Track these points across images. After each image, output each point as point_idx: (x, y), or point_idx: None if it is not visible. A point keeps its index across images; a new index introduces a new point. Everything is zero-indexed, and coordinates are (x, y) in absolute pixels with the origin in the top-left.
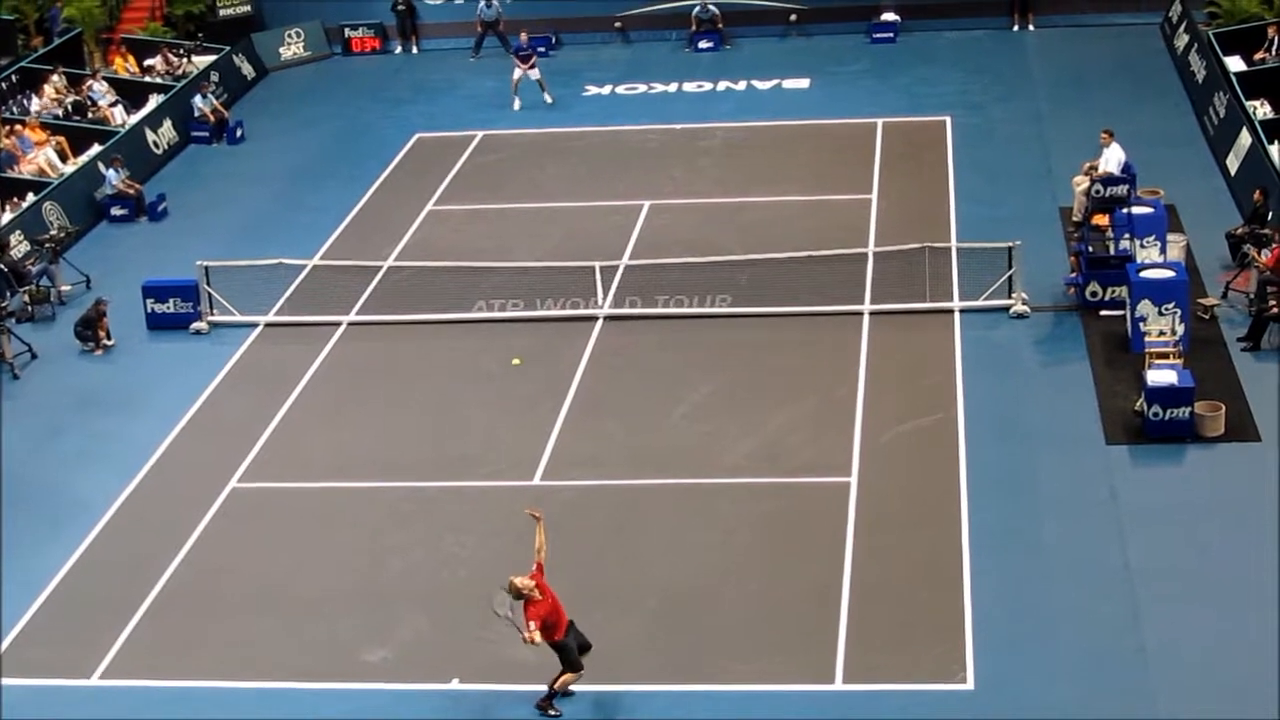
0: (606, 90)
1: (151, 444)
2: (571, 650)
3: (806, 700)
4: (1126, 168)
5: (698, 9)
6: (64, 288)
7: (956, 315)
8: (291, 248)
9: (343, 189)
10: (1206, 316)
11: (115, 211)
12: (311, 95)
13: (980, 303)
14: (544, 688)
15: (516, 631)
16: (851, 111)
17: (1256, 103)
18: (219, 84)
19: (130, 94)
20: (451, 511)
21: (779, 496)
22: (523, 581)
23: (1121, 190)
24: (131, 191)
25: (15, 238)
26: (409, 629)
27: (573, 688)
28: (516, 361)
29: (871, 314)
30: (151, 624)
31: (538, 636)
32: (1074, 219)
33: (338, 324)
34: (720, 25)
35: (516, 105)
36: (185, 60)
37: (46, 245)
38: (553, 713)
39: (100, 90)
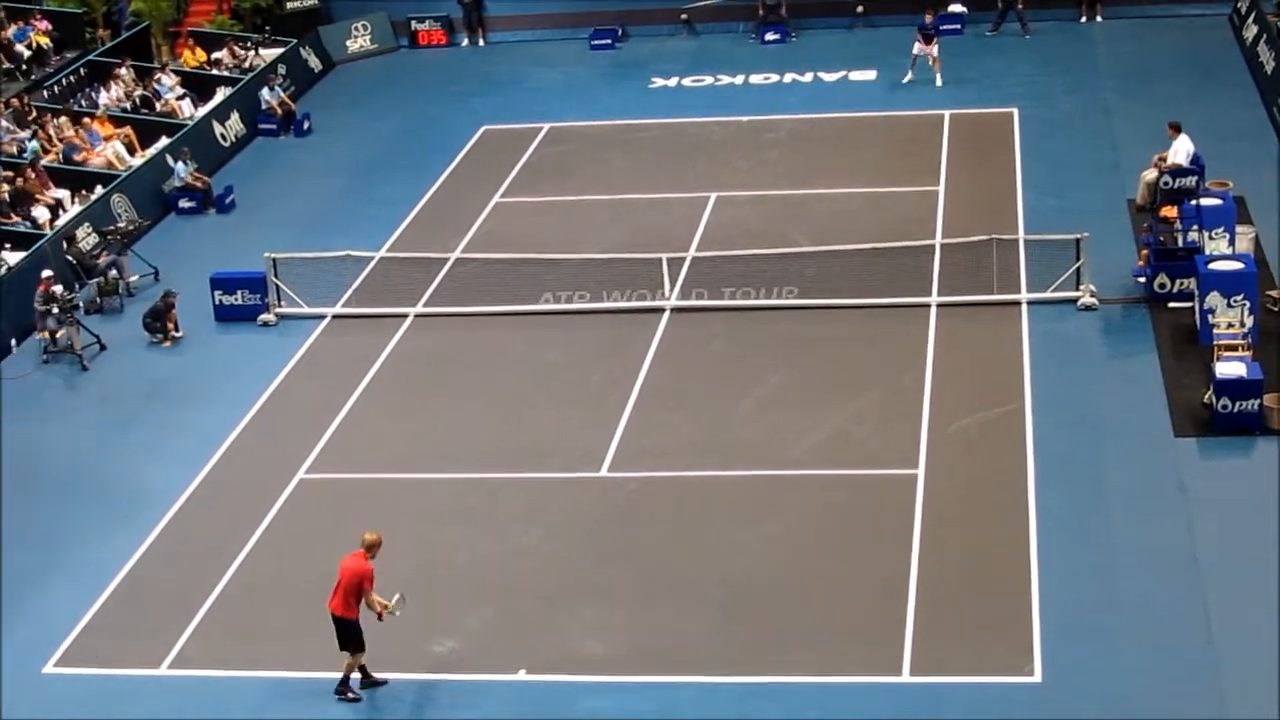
0: (673, 82)
1: (220, 435)
2: (358, 632)
3: (874, 692)
4: (1195, 159)
5: None
6: (132, 280)
7: (1024, 307)
8: (359, 239)
9: (410, 181)
10: (1275, 309)
11: (183, 204)
12: (378, 88)
13: (1048, 295)
14: (613, 679)
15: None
16: (918, 103)
17: None
18: (286, 77)
19: (198, 87)
20: (518, 503)
21: (846, 488)
22: (376, 537)
23: (1190, 182)
24: (199, 184)
25: (83, 230)
26: (476, 620)
27: (384, 674)
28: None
29: (938, 306)
30: (220, 614)
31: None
32: (1137, 204)
33: (405, 316)
34: (784, 11)
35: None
36: (252, 53)
37: (112, 237)
38: (351, 696)
39: (168, 83)
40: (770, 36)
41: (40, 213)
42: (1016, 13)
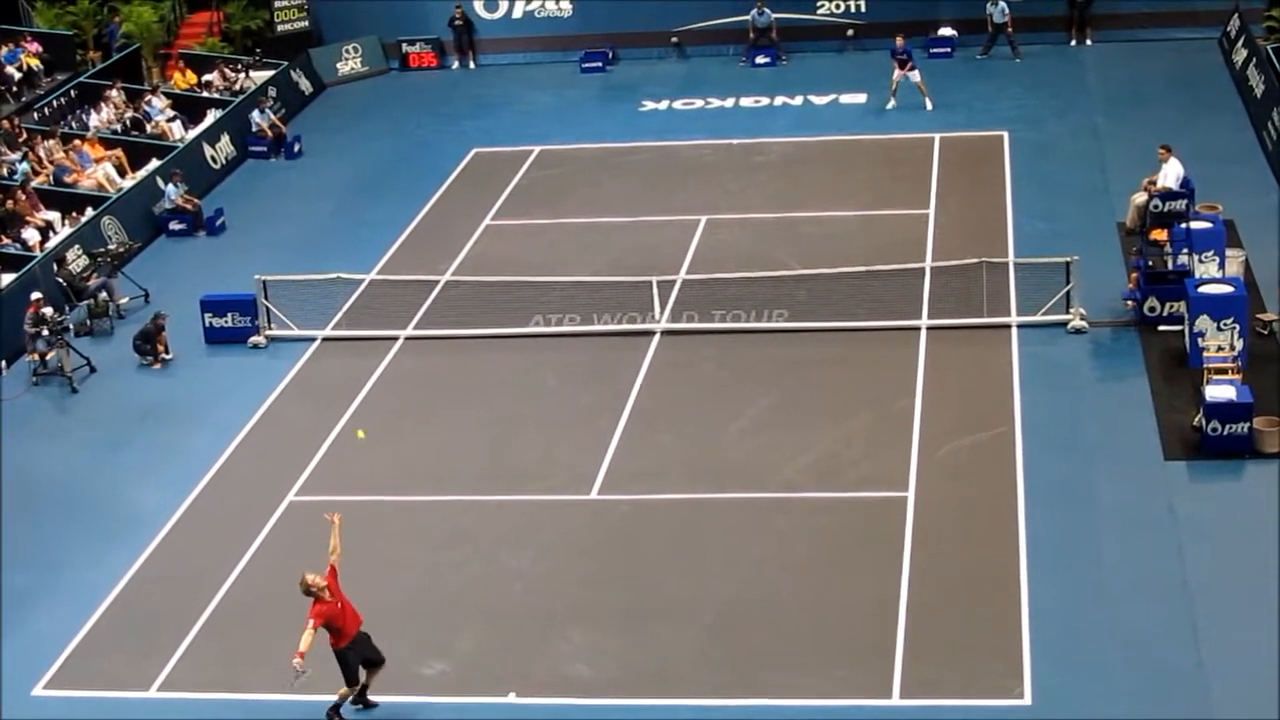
0: (663, 105)
1: (210, 457)
2: (349, 663)
3: (863, 715)
4: (1185, 183)
5: (754, 12)
6: (122, 302)
7: (1014, 330)
8: (349, 262)
9: (400, 203)
10: (1265, 332)
11: (173, 226)
12: (369, 110)
13: (1038, 318)
14: (603, 701)
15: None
16: (908, 126)
17: None
18: (277, 99)
19: (188, 109)
20: (508, 525)
21: (836, 511)
22: (313, 578)
23: (1180, 205)
24: (190, 206)
25: (73, 252)
26: (466, 642)
27: (376, 697)
28: (360, 434)
29: (929, 329)
30: (210, 636)
31: (305, 640)
32: (1127, 227)
33: (395, 338)
34: (775, 34)
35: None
36: (243, 75)
37: (103, 259)
38: None
39: (158, 105)
40: (760, 60)
41: (30, 235)
42: (1007, 36)
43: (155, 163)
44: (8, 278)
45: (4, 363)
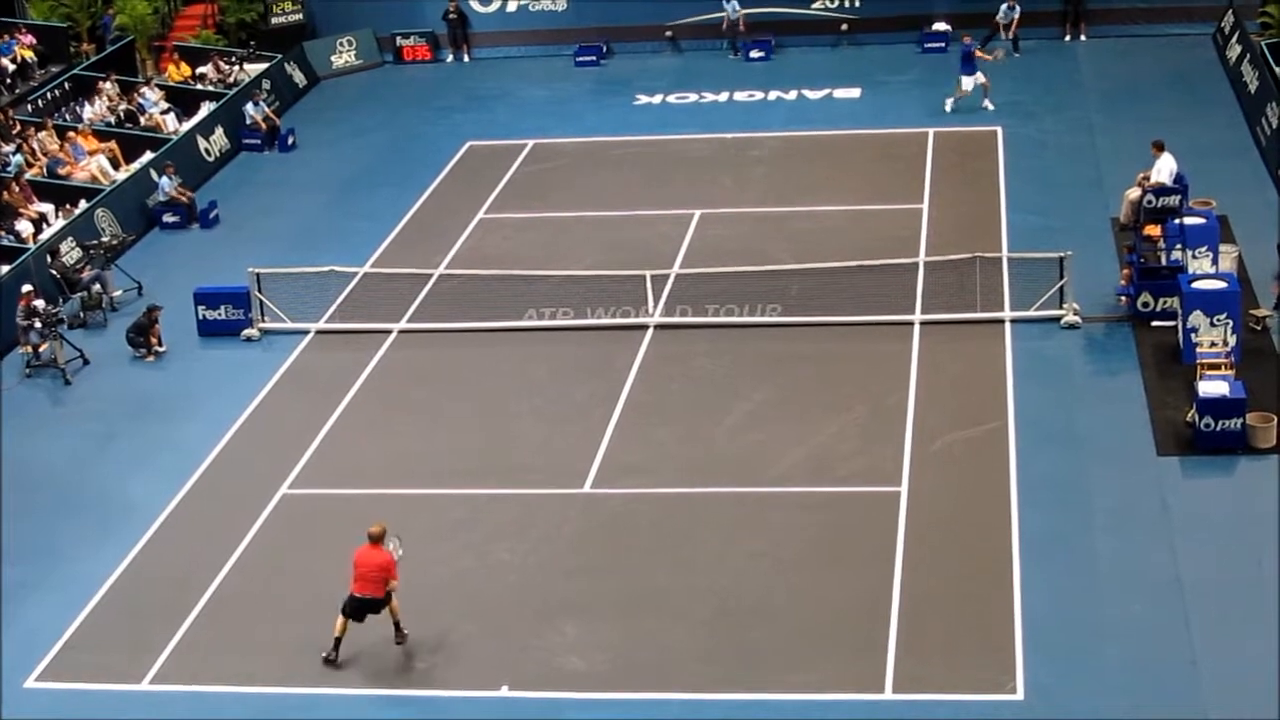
0: (657, 99)
1: (203, 450)
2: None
3: (856, 710)
4: (1179, 178)
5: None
6: (116, 294)
7: (1008, 325)
8: (343, 255)
9: (394, 197)
10: (1258, 328)
11: (167, 218)
12: (363, 103)
13: (1031, 313)
14: (596, 695)
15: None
16: (903, 121)
17: None
18: (271, 92)
19: (182, 101)
20: (502, 519)
21: (829, 506)
22: (376, 526)
23: (1173, 201)
24: (183, 199)
25: (67, 245)
26: (459, 635)
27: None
28: None
29: (922, 324)
30: (202, 629)
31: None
32: (1121, 223)
33: (388, 331)
34: (743, 27)
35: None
36: (237, 68)
37: (96, 252)
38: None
39: (152, 98)
40: (755, 54)
41: (24, 227)
42: (1011, 34)
43: (149, 155)
44: (1, 269)
45: None
